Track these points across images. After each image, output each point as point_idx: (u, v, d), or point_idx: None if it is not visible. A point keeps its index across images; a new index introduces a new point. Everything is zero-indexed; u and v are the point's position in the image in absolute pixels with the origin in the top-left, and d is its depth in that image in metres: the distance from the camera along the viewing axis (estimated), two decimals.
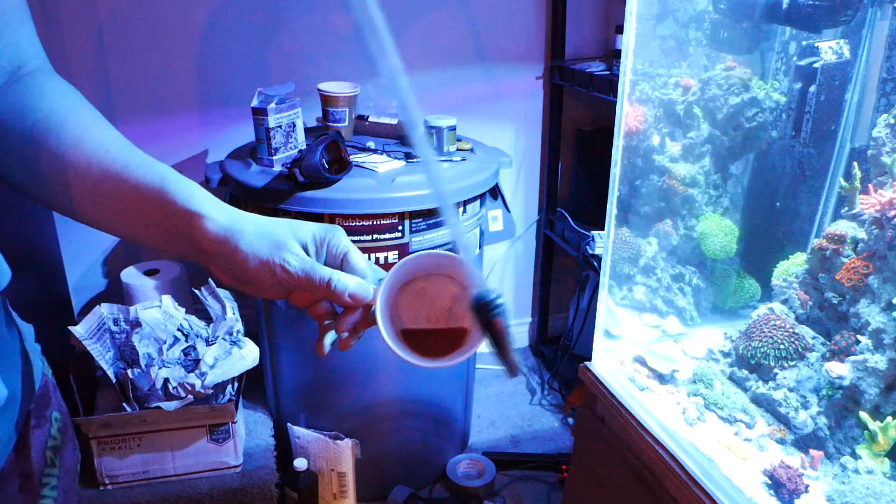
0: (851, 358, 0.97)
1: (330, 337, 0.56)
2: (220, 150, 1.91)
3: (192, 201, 0.51)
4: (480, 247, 1.73)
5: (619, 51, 1.17)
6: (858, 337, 0.98)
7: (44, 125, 0.51)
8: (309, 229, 0.54)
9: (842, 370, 0.97)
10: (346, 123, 1.72)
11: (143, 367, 1.42)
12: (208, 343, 1.50)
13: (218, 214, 0.52)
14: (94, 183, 0.51)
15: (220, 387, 1.50)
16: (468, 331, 0.56)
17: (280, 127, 1.53)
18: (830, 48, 1.13)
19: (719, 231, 1.32)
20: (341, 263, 0.55)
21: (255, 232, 0.52)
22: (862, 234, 1.04)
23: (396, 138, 1.81)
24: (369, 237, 1.46)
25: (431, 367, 0.53)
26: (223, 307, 1.58)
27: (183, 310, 1.54)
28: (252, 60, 1.89)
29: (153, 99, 1.86)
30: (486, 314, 0.44)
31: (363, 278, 0.55)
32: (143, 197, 0.51)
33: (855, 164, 1.09)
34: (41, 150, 0.51)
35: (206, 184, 1.60)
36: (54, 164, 0.51)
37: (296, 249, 0.53)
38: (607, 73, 1.88)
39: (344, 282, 0.53)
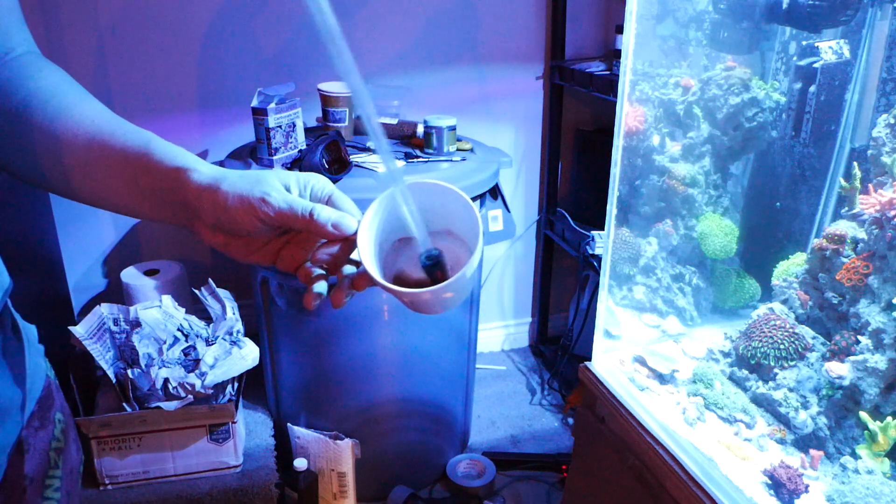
0: (851, 358, 0.97)
1: (319, 287, 0.55)
2: (220, 150, 1.91)
3: (178, 159, 0.52)
4: None
5: (619, 51, 1.16)
6: (858, 337, 0.98)
7: (30, 101, 0.52)
8: (293, 174, 0.55)
9: (842, 370, 0.97)
10: (346, 123, 1.72)
11: (143, 367, 1.42)
12: (208, 343, 1.50)
13: (204, 168, 0.52)
14: (81, 153, 0.52)
15: (220, 387, 1.50)
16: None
17: (280, 127, 1.52)
18: (830, 48, 1.13)
19: (719, 231, 1.32)
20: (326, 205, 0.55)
21: (239, 175, 0.53)
22: (862, 234, 1.04)
23: (396, 138, 1.81)
24: None
25: (415, 294, 0.53)
26: (223, 307, 1.58)
27: (183, 310, 1.54)
28: (252, 60, 1.89)
29: (153, 99, 1.86)
30: (433, 269, 0.54)
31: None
32: (128, 161, 0.52)
33: (855, 164, 1.09)
34: (28, 125, 0.52)
35: None
36: (41, 139, 0.52)
37: (277, 186, 0.53)
38: (607, 73, 1.88)
39: (327, 213, 0.53)
